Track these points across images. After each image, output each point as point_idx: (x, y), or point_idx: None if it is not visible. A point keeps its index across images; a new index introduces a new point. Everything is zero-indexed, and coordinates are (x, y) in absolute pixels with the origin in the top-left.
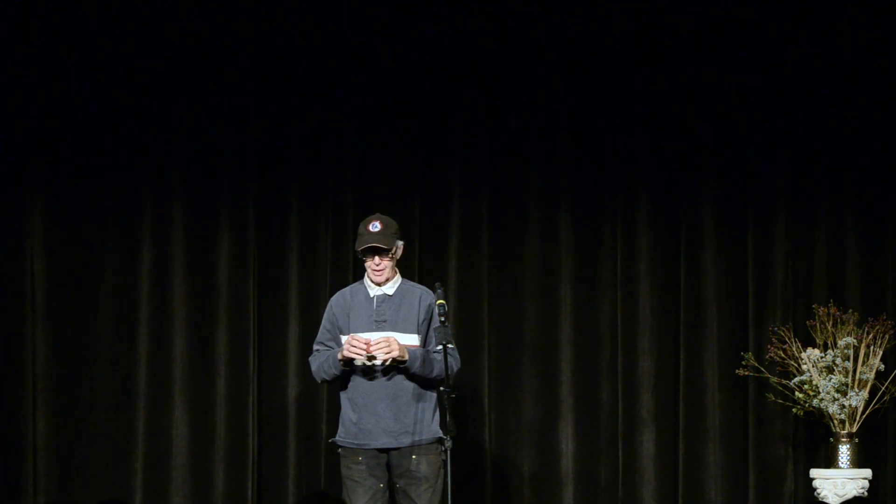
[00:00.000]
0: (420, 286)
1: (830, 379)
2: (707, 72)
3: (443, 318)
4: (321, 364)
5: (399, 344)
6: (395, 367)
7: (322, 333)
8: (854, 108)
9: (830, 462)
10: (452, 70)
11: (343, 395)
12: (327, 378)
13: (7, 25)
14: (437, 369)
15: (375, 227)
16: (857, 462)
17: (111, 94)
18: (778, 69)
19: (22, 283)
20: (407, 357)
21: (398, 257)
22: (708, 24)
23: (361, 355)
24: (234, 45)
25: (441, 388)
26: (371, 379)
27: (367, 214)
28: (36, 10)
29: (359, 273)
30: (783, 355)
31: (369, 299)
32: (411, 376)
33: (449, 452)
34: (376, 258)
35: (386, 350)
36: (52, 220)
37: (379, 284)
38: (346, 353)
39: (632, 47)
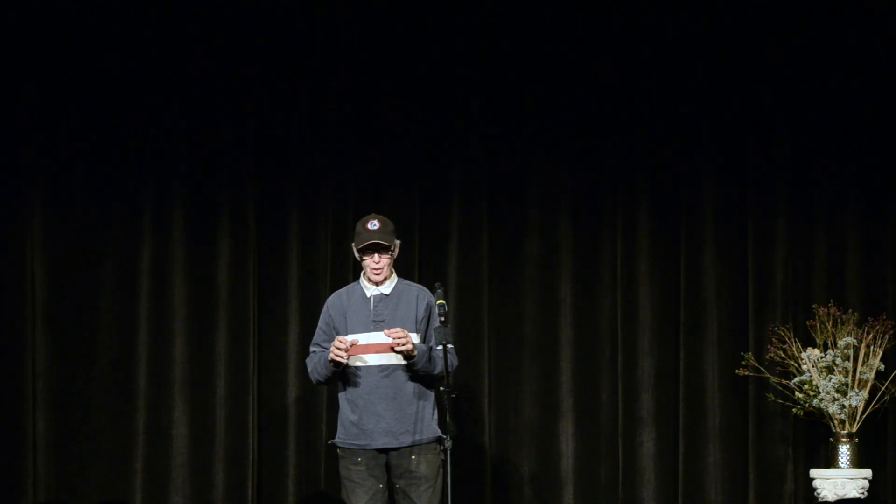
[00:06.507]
0: (417, 285)
1: (830, 379)
2: (707, 71)
3: (443, 318)
4: (315, 365)
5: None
6: (398, 365)
7: (318, 335)
8: (854, 108)
9: (830, 462)
10: (452, 70)
11: (342, 396)
12: (321, 379)
13: (6, 25)
14: (440, 366)
15: (374, 225)
16: (857, 462)
17: (111, 94)
18: (778, 69)
19: (22, 283)
20: (416, 352)
21: (396, 256)
22: (708, 24)
23: (343, 358)
24: (235, 44)
25: (441, 388)
26: (370, 379)
27: (367, 214)
28: (36, 10)
29: (359, 273)
30: (783, 355)
31: (366, 299)
32: (413, 374)
33: (449, 452)
34: (376, 256)
35: (403, 341)
36: (52, 220)
37: (377, 284)
38: (331, 356)
39: (631, 47)
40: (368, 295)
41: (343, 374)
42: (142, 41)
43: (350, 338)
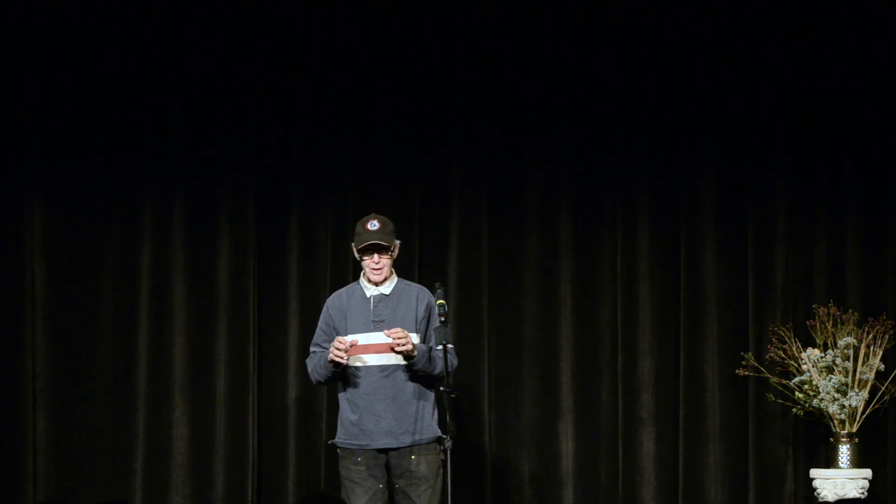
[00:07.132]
0: (417, 285)
1: (830, 379)
2: (707, 72)
3: (443, 318)
4: (315, 366)
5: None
6: (398, 366)
7: (318, 335)
8: (854, 108)
9: (830, 462)
10: (452, 70)
11: (342, 396)
12: (321, 380)
13: (6, 25)
14: (440, 366)
15: (374, 225)
16: (857, 462)
17: (111, 93)
18: (778, 69)
19: (22, 283)
20: (416, 353)
21: (396, 256)
22: (708, 24)
23: (343, 358)
24: (235, 44)
25: (441, 388)
26: (370, 379)
27: (367, 214)
28: (36, 10)
29: (359, 273)
30: (783, 355)
31: (366, 299)
32: (413, 374)
33: (449, 452)
34: (375, 256)
35: (403, 342)
36: (52, 220)
37: (376, 284)
38: (330, 356)
39: (631, 47)
40: (368, 295)
41: (343, 375)
42: (142, 41)
43: (350, 338)
